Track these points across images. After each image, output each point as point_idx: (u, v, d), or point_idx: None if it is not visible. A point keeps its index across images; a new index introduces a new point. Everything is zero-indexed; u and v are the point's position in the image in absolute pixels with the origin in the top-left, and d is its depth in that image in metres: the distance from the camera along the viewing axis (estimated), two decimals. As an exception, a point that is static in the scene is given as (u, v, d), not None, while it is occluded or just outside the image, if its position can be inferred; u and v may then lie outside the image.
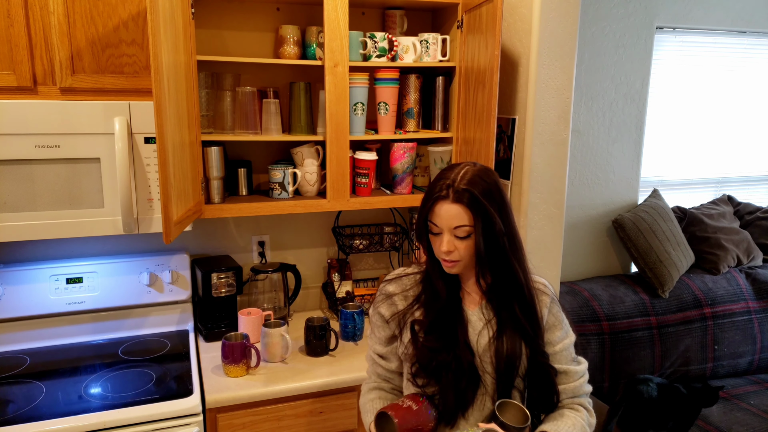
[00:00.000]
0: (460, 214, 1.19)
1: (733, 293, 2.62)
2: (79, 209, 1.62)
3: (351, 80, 1.86)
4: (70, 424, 1.46)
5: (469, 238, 1.21)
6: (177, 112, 1.51)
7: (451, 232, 1.21)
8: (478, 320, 1.30)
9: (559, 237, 1.85)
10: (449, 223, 1.20)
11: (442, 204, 1.21)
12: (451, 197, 1.20)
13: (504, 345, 1.26)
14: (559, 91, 1.76)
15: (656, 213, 2.62)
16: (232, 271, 1.98)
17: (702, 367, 2.55)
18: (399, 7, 2.05)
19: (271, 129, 1.88)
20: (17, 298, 1.85)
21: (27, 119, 1.54)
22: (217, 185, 1.85)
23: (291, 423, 1.71)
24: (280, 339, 1.82)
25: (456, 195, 1.19)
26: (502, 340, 1.26)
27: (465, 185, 1.20)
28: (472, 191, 1.19)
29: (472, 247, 1.22)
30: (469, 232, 1.20)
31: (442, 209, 1.21)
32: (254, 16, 2.00)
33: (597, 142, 2.64)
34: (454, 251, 1.22)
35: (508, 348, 1.25)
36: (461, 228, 1.20)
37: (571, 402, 1.33)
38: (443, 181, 1.23)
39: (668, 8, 2.64)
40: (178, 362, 1.79)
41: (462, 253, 1.22)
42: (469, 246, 1.22)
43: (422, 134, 2.06)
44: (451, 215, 1.20)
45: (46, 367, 1.75)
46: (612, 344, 2.38)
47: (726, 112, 2.99)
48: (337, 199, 1.91)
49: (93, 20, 1.60)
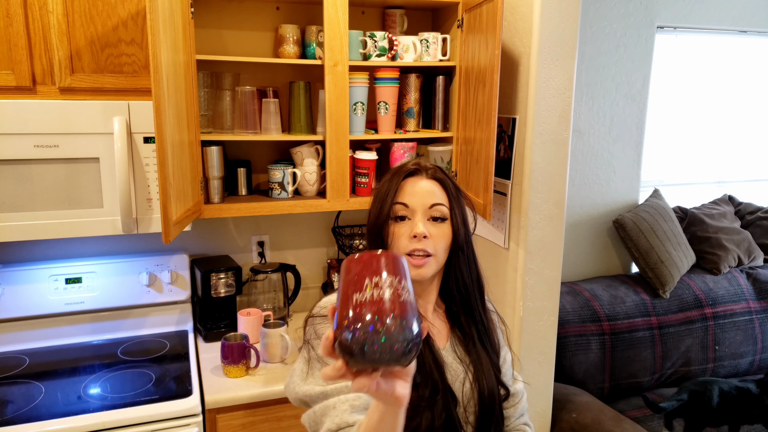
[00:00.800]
0: (436, 191, 1.05)
1: (734, 293, 2.62)
2: (78, 209, 1.62)
3: (351, 80, 1.85)
4: (69, 424, 1.46)
5: (444, 222, 1.05)
6: (176, 112, 1.50)
7: (426, 213, 1.04)
8: (453, 361, 1.10)
9: (559, 237, 1.85)
10: (424, 200, 1.04)
11: (416, 179, 1.06)
12: (424, 173, 1.07)
13: (486, 389, 1.08)
14: (559, 91, 1.76)
15: (657, 213, 2.62)
16: (231, 272, 1.97)
17: (703, 368, 2.54)
18: (399, 6, 2.05)
19: (270, 128, 1.88)
20: (16, 298, 1.85)
21: (26, 119, 1.53)
22: (217, 185, 1.84)
23: (291, 423, 1.71)
24: (280, 339, 1.81)
25: (430, 171, 1.07)
26: (484, 384, 1.08)
27: (433, 166, 1.08)
28: (444, 171, 1.09)
29: (448, 235, 1.05)
30: (445, 214, 1.05)
31: (416, 185, 1.05)
32: (254, 15, 1.99)
33: (598, 141, 2.64)
34: (428, 237, 1.02)
35: (489, 391, 1.08)
36: (438, 207, 1.04)
37: (518, 424, 1.19)
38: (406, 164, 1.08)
39: (669, 8, 2.63)
40: (177, 363, 1.79)
41: (436, 243, 1.03)
42: (444, 233, 1.05)
43: (422, 134, 2.05)
44: (426, 191, 1.04)
45: (45, 367, 1.75)
46: (612, 345, 2.37)
47: (727, 112, 2.98)
48: (337, 199, 1.90)
49: (92, 20, 1.60)
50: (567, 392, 2.15)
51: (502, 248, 1.93)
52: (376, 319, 0.64)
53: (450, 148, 2.02)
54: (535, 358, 1.91)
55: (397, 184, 1.05)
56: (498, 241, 1.95)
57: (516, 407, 1.19)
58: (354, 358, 0.64)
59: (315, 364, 1.02)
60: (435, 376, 1.03)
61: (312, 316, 1.08)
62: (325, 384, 0.98)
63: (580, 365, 2.31)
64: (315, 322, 1.06)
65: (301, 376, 1.04)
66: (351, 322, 0.65)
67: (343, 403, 0.96)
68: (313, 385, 1.00)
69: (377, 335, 0.63)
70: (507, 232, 1.90)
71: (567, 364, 2.30)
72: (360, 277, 0.68)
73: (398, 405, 0.72)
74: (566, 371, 2.29)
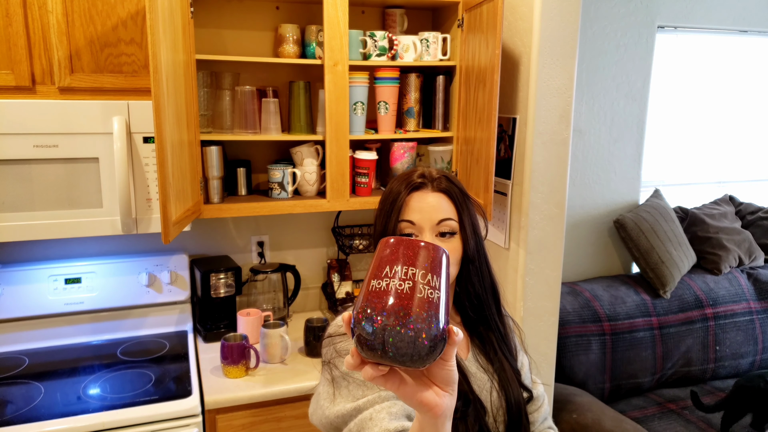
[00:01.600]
0: (443, 205, 1.00)
1: (734, 294, 2.61)
2: (78, 209, 1.62)
3: (351, 79, 1.85)
4: (68, 425, 1.46)
5: (453, 237, 1.01)
6: (176, 112, 1.50)
7: (433, 229, 0.99)
8: (477, 371, 1.07)
9: (560, 237, 1.84)
10: (431, 216, 0.99)
11: (422, 194, 1.00)
12: (430, 185, 1.01)
13: (512, 396, 1.05)
14: (560, 91, 1.76)
15: (658, 213, 2.62)
16: (231, 272, 1.97)
17: (703, 368, 2.54)
18: (399, 6, 2.04)
19: (270, 128, 1.88)
20: (16, 298, 1.85)
21: (25, 119, 1.53)
22: (216, 185, 1.84)
23: (291, 424, 1.71)
24: (280, 340, 1.81)
25: (435, 183, 1.01)
26: (510, 391, 1.05)
27: (439, 174, 1.03)
28: (451, 178, 1.03)
29: (459, 249, 1.01)
30: (454, 228, 1.00)
31: (422, 200, 1.00)
32: (253, 15, 1.99)
33: (598, 141, 2.64)
34: None
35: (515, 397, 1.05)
36: (446, 222, 0.99)
37: (543, 428, 1.18)
38: (411, 175, 1.02)
39: (669, 7, 2.63)
40: (177, 363, 1.78)
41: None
42: (455, 248, 1.01)
43: (422, 134, 2.05)
44: (432, 206, 0.99)
45: (44, 367, 1.74)
46: (613, 345, 2.37)
47: (727, 112, 2.98)
48: (337, 199, 1.90)
49: (92, 19, 1.59)
50: (567, 392, 2.15)
51: (503, 248, 1.92)
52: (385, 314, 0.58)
53: (450, 147, 2.02)
54: (535, 359, 1.90)
55: (403, 199, 1.00)
56: (498, 241, 1.95)
57: (539, 411, 1.17)
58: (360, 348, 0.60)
59: (341, 383, 0.96)
60: (464, 387, 1.00)
61: (330, 336, 1.02)
62: (356, 399, 0.93)
63: (580, 365, 2.31)
64: (335, 341, 1.01)
65: (328, 399, 0.97)
66: (361, 309, 0.60)
67: (379, 413, 0.91)
68: (344, 403, 0.94)
69: (384, 332, 0.58)
70: (507, 232, 1.89)
71: (567, 365, 2.29)
72: (383, 263, 0.62)
73: (432, 414, 0.65)
74: (567, 371, 2.29)
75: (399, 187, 1.02)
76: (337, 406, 0.95)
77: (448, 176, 1.05)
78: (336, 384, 0.96)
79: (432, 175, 1.03)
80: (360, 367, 0.61)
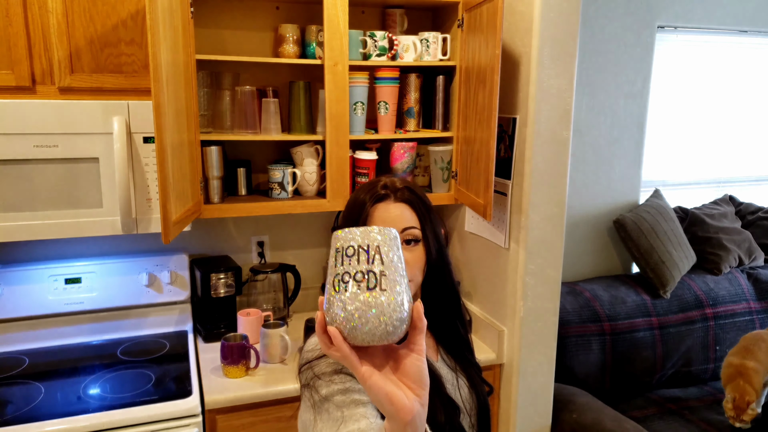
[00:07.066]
0: (406, 215, 1.04)
1: (734, 294, 2.61)
2: (78, 209, 1.62)
3: (351, 79, 1.85)
4: (68, 425, 1.46)
5: (417, 245, 1.04)
6: (176, 112, 1.50)
7: None
8: (447, 372, 1.11)
9: (560, 237, 1.84)
10: (395, 225, 1.02)
11: (385, 205, 1.04)
12: (393, 196, 1.04)
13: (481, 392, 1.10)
14: (560, 91, 1.76)
15: (658, 213, 2.61)
16: (231, 272, 1.97)
17: (703, 368, 2.54)
18: (399, 6, 2.04)
19: (270, 128, 1.88)
20: (16, 298, 1.85)
21: (25, 119, 1.53)
22: (216, 185, 1.84)
23: (291, 424, 1.71)
24: (280, 340, 1.81)
25: (399, 193, 1.05)
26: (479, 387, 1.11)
27: (402, 184, 1.06)
28: (413, 189, 1.07)
29: (422, 258, 1.04)
30: (417, 236, 1.04)
31: (386, 211, 1.03)
32: (253, 15, 1.99)
33: (598, 141, 2.64)
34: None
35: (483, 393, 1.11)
36: (409, 230, 1.03)
37: None
38: (375, 186, 1.06)
39: (669, 7, 2.63)
40: (177, 363, 1.78)
41: (412, 269, 1.03)
42: (418, 257, 1.04)
43: (422, 134, 2.05)
44: (395, 216, 1.03)
45: (44, 367, 1.74)
46: (613, 345, 2.37)
47: (727, 112, 2.98)
48: (337, 199, 1.90)
49: (92, 19, 1.59)
50: (567, 392, 2.15)
51: (503, 248, 1.92)
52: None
53: (450, 147, 2.02)
54: (535, 359, 1.90)
55: (368, 210, 1.04)
56: (498, 241, 1.95)
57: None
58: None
59: (321, 406, 0.94)
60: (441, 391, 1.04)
61: (308, 362, 1.01)
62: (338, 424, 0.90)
63: (580, 365, 2.31)
64: (312, 366, 1.00)
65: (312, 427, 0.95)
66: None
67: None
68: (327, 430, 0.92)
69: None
70: (507, 232, 1.89)
71: (568, 365, 2.29)
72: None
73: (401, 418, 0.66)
74: (567, 371, 2.29)
75: (364, 197, 1.05)
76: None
77: (411, 187, 1.08)
78: (316, 409, 0.95)
79: (395, 186, 1.07)
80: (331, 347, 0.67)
